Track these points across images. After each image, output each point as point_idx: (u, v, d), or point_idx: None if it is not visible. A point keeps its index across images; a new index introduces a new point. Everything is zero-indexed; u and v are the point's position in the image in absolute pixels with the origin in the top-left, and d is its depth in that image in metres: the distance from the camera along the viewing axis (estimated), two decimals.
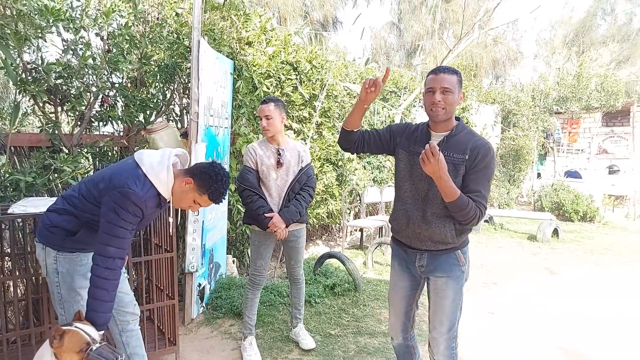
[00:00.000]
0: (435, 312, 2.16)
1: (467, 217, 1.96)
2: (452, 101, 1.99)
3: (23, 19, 2.97)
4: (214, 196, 2.04)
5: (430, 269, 2.14)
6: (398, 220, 2.20)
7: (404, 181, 2.16)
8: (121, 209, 1.87)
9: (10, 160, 3.31)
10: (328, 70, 5.35)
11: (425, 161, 1.85)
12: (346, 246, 6.41)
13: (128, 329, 2.32)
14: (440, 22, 18.21)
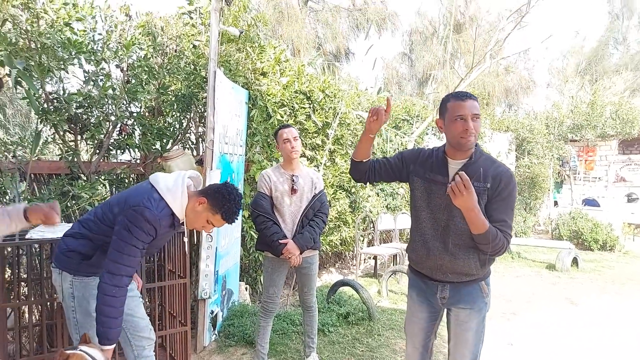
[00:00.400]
0: (456, 344, 2.09)
1: (495, 249, 1.89)
2: (479, 127, 1.93)
3: (47, 51, 3.11)
4: (226, 215, 2.06)
5: (453, 300, 2.06)
6: (417, 252, 2.12)
7: (421, 210, 2.08)
8: (135, 227, 1.91)
9: (30, 187, 3.39)
10: (341, 99, 5.43)
11: (457, 193, 1.76)
12: (360, 274, 6.34)
13: (143, 355, 2.31)
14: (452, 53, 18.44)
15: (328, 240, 5.67)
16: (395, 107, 8.28)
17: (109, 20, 3.71)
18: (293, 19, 12.08)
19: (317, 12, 14.89)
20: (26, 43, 3.12)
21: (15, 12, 3.07)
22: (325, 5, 14.83)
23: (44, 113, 3.29)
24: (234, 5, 4.56)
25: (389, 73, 18.70)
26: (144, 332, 2.30)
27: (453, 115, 1.92)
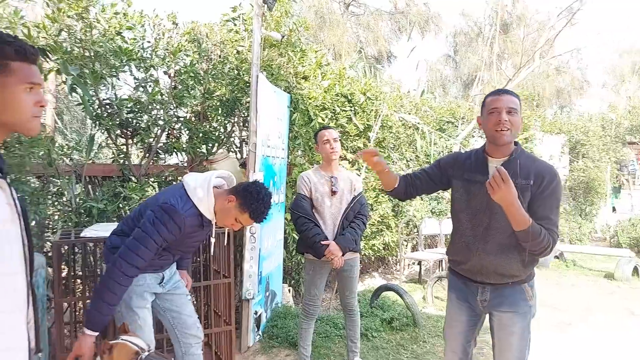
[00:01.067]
0: (501, 350, 2.02)
1: (539, 247, 1.83)
2: (517, 122, 1.89)
3: (100, 59, 3.26)
4: (254, 214, 2.03)
5: (494, 303, 2.01)
6: (458, 253, 2.10)
7: (461, 212, 2.06)
8: (159, 222, 1.95)
9: (85, 188, 3.56)
10: (382, 102, 5.37)
11: (495, 188, 1.72)
12: (404, 279, 6.22)
13: (190, 352, 2.36)
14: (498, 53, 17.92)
15: (370, 244, 5.60)
16: (439, 109, 8.11)
17: (157, 28, 3.86)
18: (334, 24, 12.13)
19: (359, 17, 14.89)
20: (80, 51, 3.29)
21: (70, 22, 3.24)
22: (367, 9, 14.81)
23: (97, 118, 3.45)
24: (276, 10, 4.62)
25: (432, 75, 18.40)
26: (191, 330, 2.35)
27: (488, 109, 1.93)
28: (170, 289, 2.34)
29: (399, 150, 6.28)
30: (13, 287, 1.13)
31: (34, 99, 1.17)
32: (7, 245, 1.11)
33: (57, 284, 2.49)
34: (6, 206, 1.13)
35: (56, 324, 2.50)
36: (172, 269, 2.39)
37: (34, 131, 1.20)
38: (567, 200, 10.50)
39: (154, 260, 2.10)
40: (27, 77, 1.15)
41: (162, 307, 2.34)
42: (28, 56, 1.16)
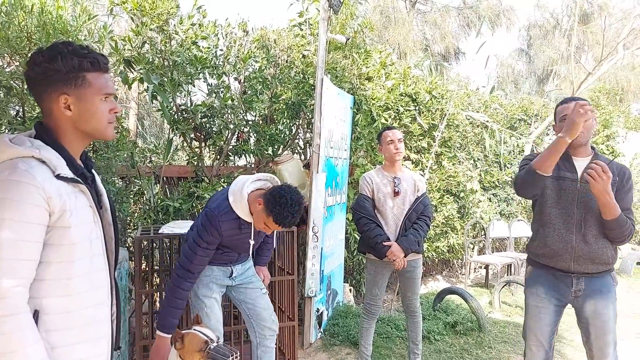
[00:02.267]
0: (598, 336, 2.16)
1: (624, 234, 2.07)
2: (589, 125, 2.07)
3: (177, 68, 3.51)
4: (277, 219, 2.03)
5: (588, 292, 2.16)
6: (550, 246, 2.20)
7: (553, 207, 2.20)
8: (201, 228, 2.11)
9: (163, 188, 3.85)
10: (448, 100, 5.27)
11: (597, 179, 1.93)
12: (469, 283, 6.05)
13: (264, 344, 2.51)
14: (577, 46, 16.76)
15: (434, 246, 5.51)
16: (510, 106, 7.78)
17: (229, 37, 4.08)
18: (400, 23, 11.99)
19: (425, 14, 14.59)
20: (161, 61, 3.57)
21: (152, 34, 3.52)
22: (434, 5, 14.48)
23: (174, 123, 3.72)
24: (341, 13, 4.70)
25: (503, 71, 17.59)
26: (266, 322, 2.50)
27: (560, 117, 2.20)
28: (243, 282, 2.49)
29: (466, 150, 6.12)
30: (99, 283, 1.26)
31: (109, 107, 1.29)
32: (90, 245, 1.23)
33: (137, 276, 2.74)
34: (88, 209, 1.24)
35: (136, 314, 2.74)
36: (246, 264, 2.52)
37: (110, 137, 1.32)
38: None
39: (218, 255, 2.27)
40: (102, 88, 1.26)
41: (238, 299, 2.52)
42: (102, 67, 1.27)
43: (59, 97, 1.21)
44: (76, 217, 1.18)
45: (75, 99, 1.23)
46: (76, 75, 1.22)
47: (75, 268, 1.18)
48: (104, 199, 1.39)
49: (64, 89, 1.21)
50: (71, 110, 1.23)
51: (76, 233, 1.18)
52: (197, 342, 1.91)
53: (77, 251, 1.18)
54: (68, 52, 1.21)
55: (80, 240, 1.19)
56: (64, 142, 1.24)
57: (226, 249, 2.31)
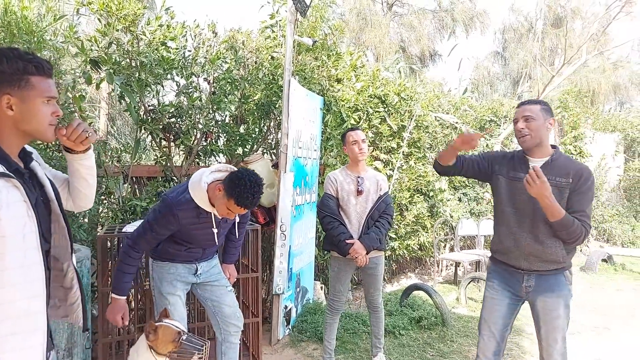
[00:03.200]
0: (547, 331, 2.23)
1: (572, 236, 2.09)
2: (535, 126, 2.15)
3: (145, 68, 3.54)
4: (239, 200, 2.05)
5: (539, 289, 2.22)
6: (504, 243, 2.30)
7: (507, 206, 2.28)
8: (157, 212, 2.20)
9: (132, 188, 3.87)
10: (417, 102, 5.40)
11: (531, 183, 1.99)
12: (440, 280, 6.19)
13: (229, 340, 2.57)
14: (551, 48, 17.20)
15: (405, 244, 5.64)
16: (481, 108, 7.98)
17: (197, 38, 4.12)
18: (376, 25, 12.14)
19: (402, 16, 14.79)
20: (128, 62, 3.59)
21: (119, 35, 3.55)
22: (410, 8, 14.69)
23: (142, 123, 3.75)
24: (311, 16, 4.77)
25: (479, 73, 17.94)
26: (231, 319, 2.55)
27: (512, 120, 2.31)
28: (209, 280, 2.53)
29: (435, 150, 6.26)
30: (33, 276, 1.29)
31: (50, 110, 1.36)
32: (23, 239, 1.26)
33: (102, 274, 2.77)
34: (22, 203, 1.26)
35: (100, 311, 2.77)
36: (212, 262, 2.57)
37: (50, 138, 1.38)
38: (620, 201, 9.98)
39: (182, 252, 2.33)
40: (45, 91, 1.33)
41: (203, 297, 2.56)
42: (45, 71, 1.34)
43: (1, 97, 1.28)
44: (7, 211, 1.21)
45: (18, 100, 1.29)
46: (20, 77, 1.29)
47: (7, 260, 1.22)
48: (47, 189, 1.42)
49: (7, 89, 1.28)
50: (13, 110, 1.30)
51: (7, 226, 1.21)
52: (170, 333, 1.98)
53: (8, 244, 1.22)
54: (13, 56, 1.29)
55: (12, 233, 1.23)
56: (0, 140, 1.31)
57: (189, 245, 2.35)
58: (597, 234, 9.35)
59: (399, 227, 5.54)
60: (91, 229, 3.58)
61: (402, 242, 5.59)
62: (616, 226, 9.09)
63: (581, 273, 6.74)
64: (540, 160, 2.19)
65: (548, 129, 2.19)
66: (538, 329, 2.28)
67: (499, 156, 2.38)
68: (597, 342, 4.01)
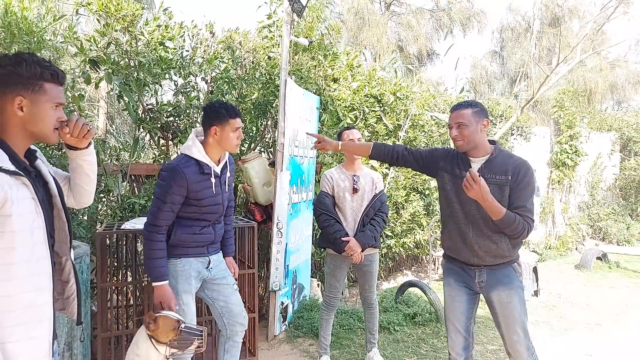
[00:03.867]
0: (507, 324, 2.26)
1: (516, 231, 2.13)
2: (468, 133, 2.21)
3: (143, 68, 3.59)
4: (228, 114, 2.29)
5: (491, 283, 2.27)
6: (453, 239, 2.33)
7: (453, 202, 2.31)
8: (165, 183, 2.23)
9: (130, 186, 3.92)
10: (412, 101, 5.45)
11: (468, 187, 2.03)
12: (436, 278, 6.26)
13: (234, 339, 2.60)
14: (549, 48, 17.26)
15: (401, 242, 5.70)
16: None
17: (195, 38, 4.17)
18: (374, 25, 12.19)
19: (400, 16, 14.85)
20: (126, 62, 3.64)
21: (117, 35, 3.60)
22: (408, 7, 14.74)
23: (141, 122, 3.80)
24: (308, 16, 4.83)
25: (477, 72, 18.00)
26: (237, 318, 2.57)
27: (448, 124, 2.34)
28: (218, 278, 2.54)
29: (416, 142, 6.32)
30: (40, 270, 1.36)
31: (57, 115, 1.45)
32: (31, 234, 1.33)
33: (101, 270, 2.82)
34: (30, 200, 1.34)
35: (99, 307, 2.83)
36: (220, 256, 2.60)
37: (54, 141, 1.47)
38: (616, 200, 10.05)
39: (195, 236, 2.36)
40: (55, 98, 1.43)
41: (211, 297, 2.56)
42: (59, 79, 1.44)
43: (14, 98, 1.36)
44: (17, 207, 1.29)
45: (29, 102, 1.38)
46: (36, 82, 1.38)
47: (16, 254, 1.29)
48: (51, 186, 1.50)
49: (21, 91, 1.37)
50: (23, 112, 1.38)
51: (17, 222, 1.28)
52: (170, 322, 2.05)
53: (17, 239, 1.29)
54: (32, 62, 1.38)
55: (21, 229, 1.30)
56: (8, 139, 1.38)
57: (200, 217, 2.36)
58: (593, 232, 9.42)
59: (395, 225, 5.60)
60: (90, 226, 3.63)
61: (398, 240, 5.65)
62: (612, 224, 9.17)
63: (576, 270, 6.81)
64: (480, 159, 2.25)
65: (482, 131, 2.24)
66: (498, 324, 2.32)
67: (444, 153, 2.42)
68: (588, 338, 4.07)
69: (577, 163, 8.58)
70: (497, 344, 3.80)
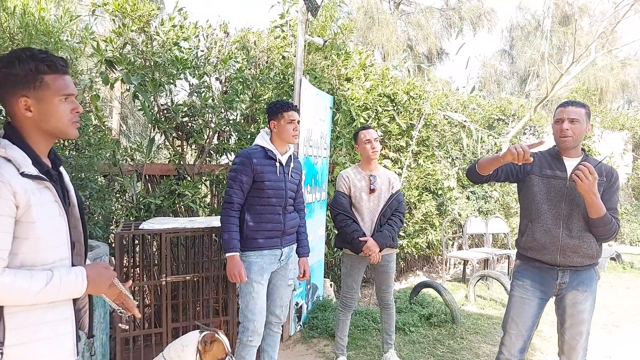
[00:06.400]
0: (573, 324, 2.31)
1: (609, 232, 2.20)
2: (579, 130, 2.25)
3: (158, 68, 3.59)
4: (283, 107, 2.63)
5: (573, 284, 2.30)
6: (538, 241, 2.33)
7: (542, 203, 2.34)
8: (233, 166, 2.60)
9: (145, 186, 3.93)
10: (426, 100, 5.42)
11: (583, 179, 2.06)
12: (448, 278, 6.22)
13: (269, 328, 2.78)
14: (559, 46, 17.12)
15: (414, 242, 5.67)
16: (489, 106, 7.98)
17: (209, 38, 4.17)
18: (384, 24, 12.14)
19: (409, 15, 14.78)
20: (142, 62, 3.65)
21: (133, 35, 3.60)
22: (417, 6, 14.68)
23: (156, 122, 3.80)
24: (321, 16, 4.81)
25: (486, 71, 17.88)
26: (276, 310, 2.80)
27: (555, 118, 2.33)
28: (281, 269, 2.74)
29: (444, 149, 6.29)
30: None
31: (70, 107, 1.36)
32: (56, 237, 1.32)
33: (118, 271, 2.82)
34: (54, 204, 1.32)
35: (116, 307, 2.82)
36: (293, 251, 2.81)
37: (74, 135, 1.39)
38: (629, 199, 9.95)
39: (266, 224, 2.59)
40: (61, 89, 1.32)
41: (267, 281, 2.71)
42: (59, 68, 1.33)
43: (19, 100, 1.29)
44: (41, 212, 1.26)
45: (34, 101, 1.30)
46: (34, 78, 1.29)
47: (39, 258, 1.28)
48: (72, 194, 1.47)
49: (23, 91, 1.29)
50: (31, 112, 1.30)
51: (41, 227, 1.26)
52: (222, 350, 2.07)
53: (42, 244, 1.27)
54: (26, 57, 1.28)
55: (45, 234, 1.28)
56: (30, 141, 1.33)
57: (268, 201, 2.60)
58: None
59: (407, 225, 5.57)
60: (106, 225, 3.64)
61: (410, 240, 5.62)
62: (624, 225, 9.07)
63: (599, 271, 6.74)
64: (575, 160, 2.29)
65: (587, 133, 2.32)
66: (562, 323, 2.35)
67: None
68: (607, 339, 4.02)
69: None
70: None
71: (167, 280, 2.92)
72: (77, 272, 1.34)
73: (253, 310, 2.55)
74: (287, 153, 2.73)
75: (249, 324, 2.56)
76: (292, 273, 2.81)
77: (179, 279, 3.04)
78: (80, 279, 1.33)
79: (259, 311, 2.56)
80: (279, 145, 2.68)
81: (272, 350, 2.84)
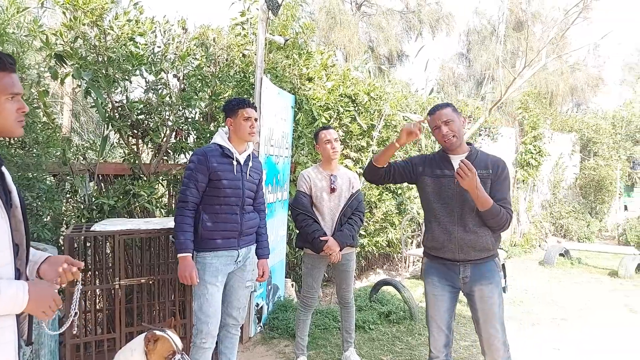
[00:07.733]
0: (486, 319, 2.34)
1: (500, 223, 2.26)
2: (457, 128, 2.31)
3: (112, 64, 3.46)
4: (237, 105, 2.61)
5: (475, 278, 2.35)
6: (437, 239, 2.39)
7: (435, 203, 2.40)
8: (189, 164, 2.57)
9: (98, 186, 3.78)
10: (386, 102, 5.50)
11: (463, 176, 2.11)
12: (408, 276, 6.34)
13: (227, 330, 2.76)
14: (512, 51, 17.79)
15: (374, 241, 5.74)
16: None
17: (167, 34, 4.05)
18: (345, 25, 12.24)
19: (370, 16, 14.97)
20: (95, 57, 3.50)
21: (85, 29, 3.45)
22: (379, 8, 14.88)
23: (110, 119, 3.66)
24: (282, 14, 4.79)
25: (444, 74, 18.36)
26: (233, 312, 2.77)
27: (432, 126, 2.38)
28: (238, 270, 2.71)
29: (404, 149, 6.39)
30: (4, 276, 1.27)
31: (16, 106, 1.31)
32: None
33: None
34: None
35: (65, 312, 2.70)
36: (250, 252, 2.77)
37: (19, 134, 1.36)
38: (576, 198, 10.47)
39: (223, 224, 2.56)
40: (8, 88, 1.28)
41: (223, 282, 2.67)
42: (7, 67, 1.29)
43: None
44: None
45: None
46: None
47: None
48: (14, 196, 1.39)
49: None
50: None
51: None
52: (167, 348, 1.98)
53: None
54: None
55: None
56: None
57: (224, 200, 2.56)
58: (555, 230, 9.79)
59: (368, 224, 5.63)
60: (55, 227, 3.48)
61: (371, 239, 5.69)
62: (572, 222, 9.55)
63: (540, 267, 7.06)
64: (459, 156, 2.33)
65: (463, 126, 2.40)
66: (476, 320, 2.39)
67: (421, 158, 2.51)
68: (555, 332, 4.22)
69: (540, 163, 8.88)
70: (469, 339, 3.88)
71: (121, 284, 2.82)
72: (19, 286, 1.26)
73: (207, 312, 2.51)
74: (245, 152, 2.70)
75: (202, 326, 2.51)
76: (250, 274, 2.78)
77: (133, 282, 2.94)
78: (21, 294, 1.26)
79: (212, 313, 2.52)
80: (237, 144, 2.65)
81: (230, 352, 2.81)
